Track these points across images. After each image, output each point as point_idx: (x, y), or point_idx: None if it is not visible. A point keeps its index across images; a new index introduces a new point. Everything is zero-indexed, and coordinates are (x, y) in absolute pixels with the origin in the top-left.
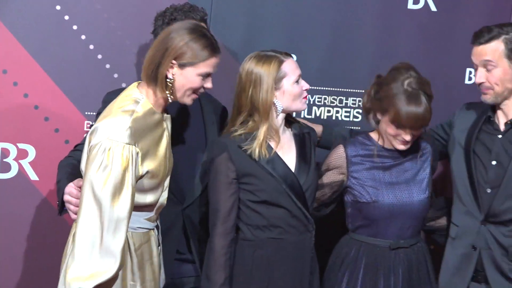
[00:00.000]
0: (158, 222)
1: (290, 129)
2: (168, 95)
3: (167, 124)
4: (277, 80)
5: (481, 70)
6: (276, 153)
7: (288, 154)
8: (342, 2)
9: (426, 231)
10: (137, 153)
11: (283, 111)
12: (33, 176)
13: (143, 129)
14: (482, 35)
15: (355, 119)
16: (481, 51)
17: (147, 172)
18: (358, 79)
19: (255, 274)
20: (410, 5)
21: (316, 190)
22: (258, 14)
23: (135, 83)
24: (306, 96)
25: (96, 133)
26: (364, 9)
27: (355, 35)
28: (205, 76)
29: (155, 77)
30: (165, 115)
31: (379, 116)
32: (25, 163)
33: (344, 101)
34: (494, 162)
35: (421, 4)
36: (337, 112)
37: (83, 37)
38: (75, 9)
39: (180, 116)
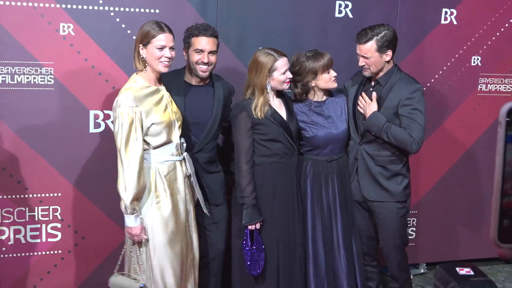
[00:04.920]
0: (185, 156)
1: (280, 97)
2: (144, 69)
3: (165, 91)
4: (271, 71)
5: (361, 58)
6: (275, 110)
7: (281, 110)
8: (295, 14)
9: None
10: (140, 112)
11: (272, 89)
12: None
13: (141, 96)
14: (361, 37)
15: None
16: (361, 48)
17: (152, 123)
18: None
19: (266, 184)
20: (336, 15)
21: (298, 131)
22: (246, 22)
23: (136, 72)
24: (288, 81)
25: (114, 105)
26: (308, 17)
27: (302, 35)
28: (161, 48)
29: (138, 62)
30: (160, 87)
31: (313, 82)
32: (109, 122)
33: None
34: None
35: (343, 14)
36: None
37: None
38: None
39: (198, 94)
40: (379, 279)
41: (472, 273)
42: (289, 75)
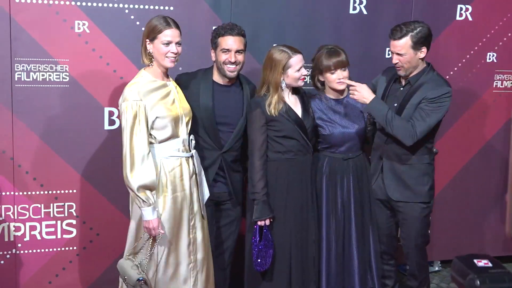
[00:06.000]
0: (193, 153)
1: (296, 93)
2: (150, 64)
3: (173, 86)
4: (285, 69)
5: (395, 56)
6: (290, 107)
7: (296, 107)
8: (309, 10)
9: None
10: (144, 105)
11: (287, 86)
12: None
13: (146, 91)
14: (396, 33)
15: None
16: (396, 44)
17: (156, 117)
18: None
19: (279, 180)
20: (351, 11)
21: (313, 129)
22: (259, 19)
23: (144, 68)
24: (303, 78)
25: (120, 100)
26: (322, 13)
27: (316, 31)
28: (167, 43)
29: (145, 56)
30: (167, 81)
31: (321, 78)
32: None
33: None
34: (395, 104)
35: (357, 10)
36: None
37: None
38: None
39: (227, 94)
40: (396, 278)
41: (490, 264)
42: (304, 72)
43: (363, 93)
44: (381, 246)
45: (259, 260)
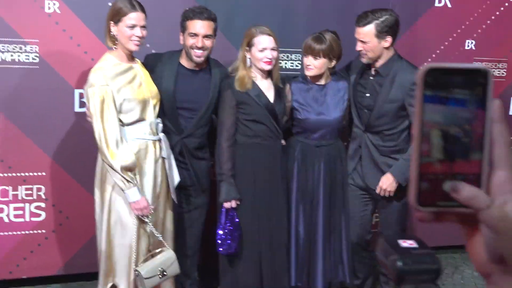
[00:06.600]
0: (162, 136)
1: (270, 78)
2: (114, 47)
3: (139, 69)
4: (249, 46)
5: (359, 43)
6: (261, 91)
7: (268, 92)
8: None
9: None
10: (111, 90)
11: (252, 65)
12: None
13: (112, 75)
14: (361, 20)
15: (296, 67)
16: (359, 31)
17: (124, 99)
18: (298, 43)
19: (246, 164)
20: None
21: (284, 114)
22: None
23: (108, 51)
24: (266, 61)
25: (85, 85)
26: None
27: (293, 14)
28: (132, 27)
29: (109, 39)
30: (133, 64)
31: None
32: None
33: (290, 56)
34: (368, 94)
35: None
36: (286, 62)
37: None
38: None
39: (193, 79)
40: (369, 269)
41: (415, 245)
42: (268, 55)
43: (387, 182)
44: (353, 237)
45: (220, 242)
